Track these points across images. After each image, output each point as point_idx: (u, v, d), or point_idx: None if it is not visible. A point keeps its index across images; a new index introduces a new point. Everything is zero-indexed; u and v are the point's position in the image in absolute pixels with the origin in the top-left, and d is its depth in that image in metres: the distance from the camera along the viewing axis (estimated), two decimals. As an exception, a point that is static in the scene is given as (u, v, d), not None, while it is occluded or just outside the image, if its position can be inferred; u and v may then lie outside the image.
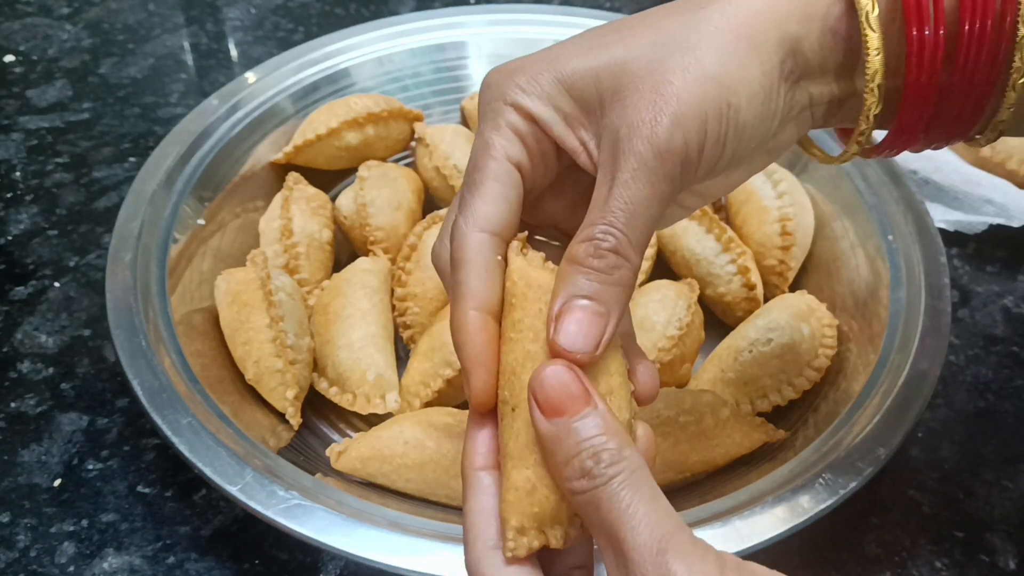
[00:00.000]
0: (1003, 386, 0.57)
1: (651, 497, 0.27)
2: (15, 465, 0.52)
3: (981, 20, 0.31)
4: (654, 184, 0.30)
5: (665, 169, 0.30)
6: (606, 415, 0.28)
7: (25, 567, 0.48)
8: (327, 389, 0.54)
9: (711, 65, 0.30)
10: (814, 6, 0.31)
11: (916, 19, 0.31)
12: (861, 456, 0.44)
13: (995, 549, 0.49)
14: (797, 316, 0.54)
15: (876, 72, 0.31)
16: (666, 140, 0.29)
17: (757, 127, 0.32)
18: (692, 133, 0.30)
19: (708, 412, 0.49)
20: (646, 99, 0.30)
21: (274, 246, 0.59)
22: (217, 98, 0.64)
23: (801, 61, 0.32)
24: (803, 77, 0.32)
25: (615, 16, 0.73)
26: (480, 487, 0.31)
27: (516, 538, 0.29)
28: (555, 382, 0.28)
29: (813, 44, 0.31)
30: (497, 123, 0.32)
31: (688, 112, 0.30)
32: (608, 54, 0.31)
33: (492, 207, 0.31)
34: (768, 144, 0.34)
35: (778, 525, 0.42)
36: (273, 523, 0.42)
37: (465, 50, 0.72)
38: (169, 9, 0.90)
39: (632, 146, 0.30)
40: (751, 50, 0.30)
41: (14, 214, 0.68)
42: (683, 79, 0.30)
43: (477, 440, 0.31)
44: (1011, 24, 0.30)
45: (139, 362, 0.47)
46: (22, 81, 0.80)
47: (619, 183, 0.30)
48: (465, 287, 0.31)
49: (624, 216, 0.30)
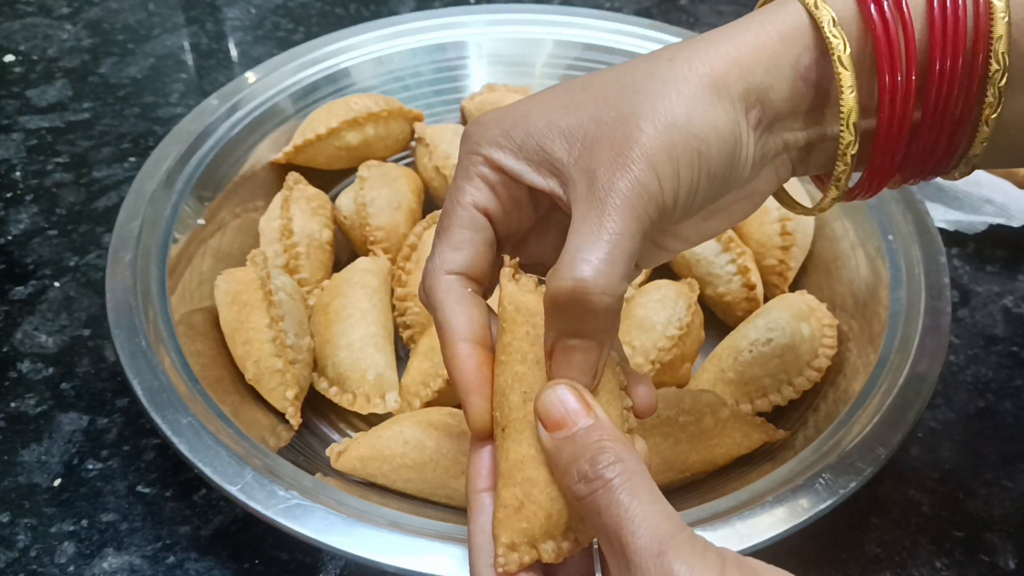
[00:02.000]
0: (1003, 386, 0.57)
1: (650, 499, 0.28)
2: (15, 465, 0.52)
3: (952, 58, 0.31)
4: (636, 221, 0.30)
5: (644, 208, 0.30)
6: (605, 422, 0.29)
7: (25, 567, 0.48)
8: (327, 389, 0.54)
9: (680, 114, 0.31)
10: (783, 56, 0.32)
11: (888, 63, 0.31)
12: (861, 456, 0.44)
13: (995, 549, 0.49)
14: (797, 316, 0.54)
15: (851, 110, 0.31)
16: (643, 183, 0.30)
17: (729, 173, 0.32)
18: (666, 179, 0.30)
19: (708, 412, 0.49)
20: (619, 149, 0.30)
21: (274, 246, 0.59)
22: (217, 98, 0.64)
23: (770, 110, 0.32)
24: (775, 123, 0.33)
25: (615, 16, 0.73)
26: (481, 508, 0.32)
27: (507, 554, 0.30)
28: (556, 400, 0.29)
29: (783, 92, 0.32)
30: (468, 173, 0.34)
31: (660, 158, 0.30)
32: (580, 112, 0.32)
33: (458, 251, 0.33)
34: (746, 190, 0.35)
35: (778, 525, 0.42)
36: (273, 523, 0.42)
37: (465, 50, 0.72)
38: (169, 9, 0.90)
39: (612, 186, 0.30)
40: (716, 99, 0.31)
41: (14, 214, 0.68)
42: (653, 127, 0.30)
43: (477, 462, 0.33)
44: (982, 61, 0.31)
45: (139, 362, 0.47)
46: (22, 81, 0.80)
47: (603, 219, 0.30)
48: (447, 324, 0.33)
49: (607, 249, 0.30)
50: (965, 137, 0.33)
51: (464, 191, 0.34)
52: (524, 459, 0.30)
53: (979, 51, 0.31)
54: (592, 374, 0.31)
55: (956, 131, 0.33)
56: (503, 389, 0.32)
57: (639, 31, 0.71)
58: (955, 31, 0.31)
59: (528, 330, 0.32)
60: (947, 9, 0.31)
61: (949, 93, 0.31)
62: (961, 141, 0.33)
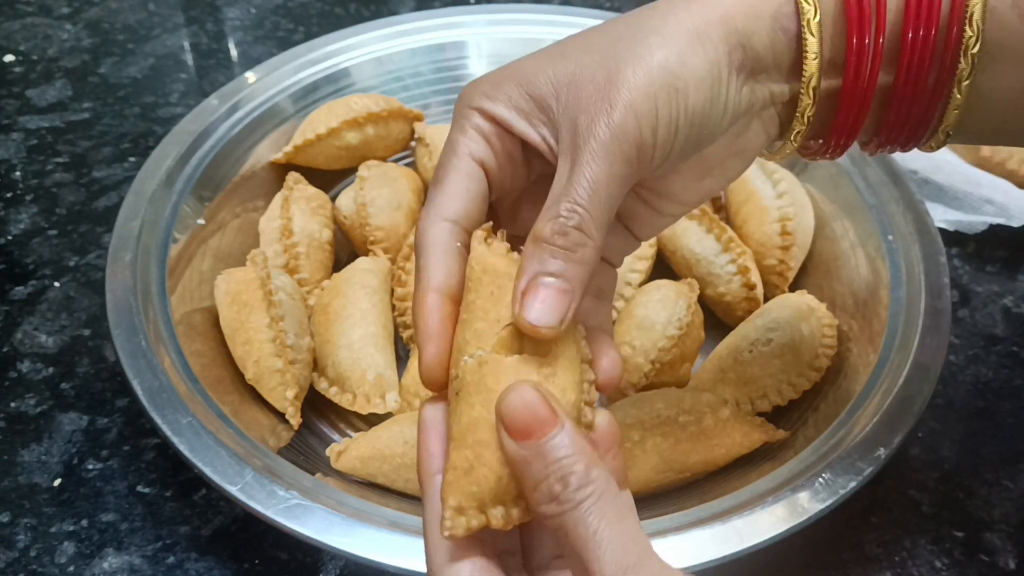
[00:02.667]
0: (1003, 386, 0.57)
1: (618, 520, 0.27)
2: (15, 465, 0.52)
3: (925, 28, 0.32)
4: (612, 164, 0.31)
5: (622, 150, 0.31)
6: (573, 434, 0.28)
7: (25, 567, 0.48)
8: (327, 389, 0.54)
9: (659, 56, 0.32)
10: (764, 4, 0.33)
11: (857, 28, 0.33)
12: (861, 456, 0.44)
13: (995, 549, 0.49)
14: (797, 316, 0.54)
15: (812, 75, 0.33)
16: (620, 124, 0.31)
17: (709, 114, 0.33)
18: (644, 116, 0.31)
19: (708, 412, 0.49)
20: (601, 90, 0.32)
21: (274, 246, 0.59)
22: (217, 98, 0.64)
23: (752, 55, 0.33)
24: (758, 72, 0.34)
25: (615, 15, 0.73)
26: (436, 489, 0.31)
27: (454, 517, 0.29)
28: (520, 404, 0.28)
29: (763, 40, 0.33)
30: (462, 126, 0.34)
31: (638, 97, 0.31)
32: (567, 60, 0.33)
33: (452, 199, 0.33)
34: (736, 145, 0.36)
35: (778, 525, 0.42)
36: (273, 523, 0.42)
37: (465, 50, 0.72)
38: (169, 9, 0.90)
39: (591, 131, 0.31)
40: (696, 43, 0.32)
41: (14, 214, 0.68)
42: (633, 70, 0.32)
43: (429, 444, 0.32)
44: (957, 33, 0.32)
45: (139, 362, 0.47)
46: (22, 81, 0.80)
47: (581, 164, 0.31)
48: (425, 272, 0.33)
49: (587, 194, 0.31)
50: (939, 108, 0.34)
51: (459, 142, 0.34)
52: (476, 421, 0.29)
53: (955, 22, 0.32)
54: (560, 318, 0.30)
55: (931, 101, 0.34)
56: (460, 346, 0.31)
57: (639, 31, 0.71)
58: (920, 63, 0.33)
59: (493, 291, 0.31)
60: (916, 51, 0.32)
61: (921, 63, 0.33)
62: (935, 111, 0.34)
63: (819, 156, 0.38)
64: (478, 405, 0.29)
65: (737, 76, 0.34)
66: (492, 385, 0.29)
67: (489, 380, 0.29)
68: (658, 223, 0.39)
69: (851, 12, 0.33)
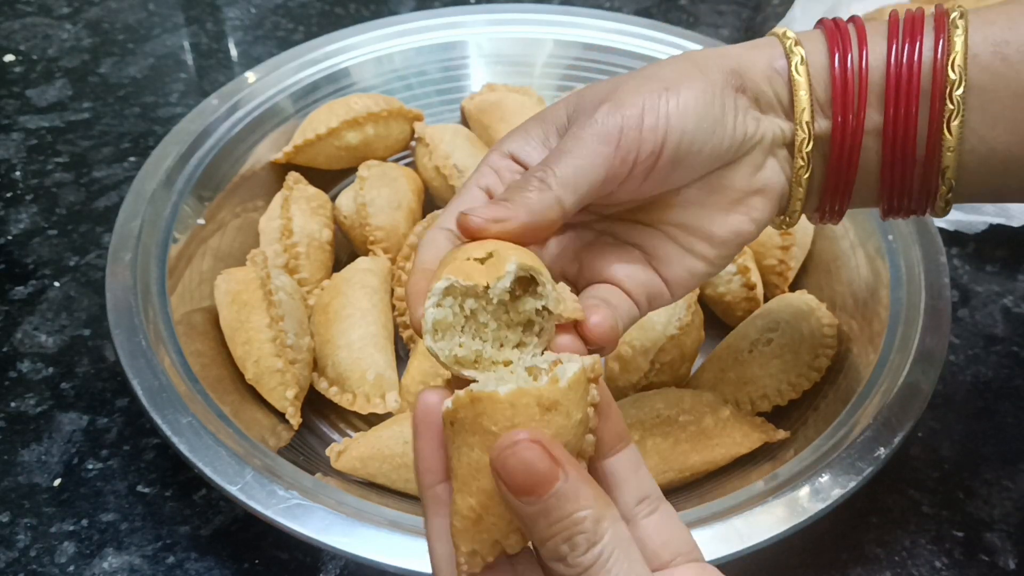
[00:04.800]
0: (1003, 386, 0.57)
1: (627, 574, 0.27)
2: (15, 465, 0.52)
3: (908, 69, 0.35)
4: (592, 149, 0.34)
5: (603, 139, 0.34)
6: (577, 483, 0.26)
7: (25, 567, 0.48)
8: (327, 389, 0.54)
9: (655, 71, 0.36)
10: (759, 51, 0.38)
11: (842, 66, 0.36)
12: (861, 456, 0.44)
13: (995, 549, 0.49)
14: (797, 316, 0.54)
15: (803, 109, 0.37)
16: (603, 119, 0.34)
17: (704, 116, 0.35)
18: (631, 118, 0.34)
19: (708, 412, 0.49)
20: (599, 97, 0.36)
21: (274, 246, 0.59)
22: (217, 98, 0.64)
23: (752, 85, 0.37)
24: (762, 103, 0.37)
25: (615, 15, 0.73)
26: (437, 503, 0.30)
27: (469, 560, 0.28)
28: (517, 462, 0.26)
29: (760, 75, 0.37)
30: (480, 166, 0.37)
31: (626, 99, 0.35)
32: (581, 94, 0.37)
33: (452, 214, 0.35)
34: (756, 181, 0.38)
35: (778, 525, 0.42)
36: (273, 523, 0.42)
37: (465, 50, 0.72)
38: (169, 9, 0.90)
39: (576, 126, 0.35)
40: (694, 67, 0.36)
41: (14, 214, 0.68)
42: (628, 80, 0.36)
43: (427, 456, 0.30)
44: (941, 76, 0.35)
45: (139, 362, 0.47)
46: (22, 81, 0.80)
47: (561, 145, 0.35)
48: (420, 258, 0.34)
49: (561, 162, 0.34)
50: (935, 157, 0.36)
51: (472, 177, 0.37)
52: (478, 466, 0.28)
53: (938, 67, 0.35)
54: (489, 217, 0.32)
55: (927, 170, 0.37)
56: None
57: (639, 31, 0.71)
58: (909, 82, 0.35)
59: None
60: (903, 65, 0.36)
61: (908, 100, 0.36)
62: (934, 164, 0.37)
63: (826, 215, 0.40)
64: (477, 448, 0.28)
65: (736, 95, 0.36)
66: (488, 426, 0.27)
67: (485, 421, 0.27)
68: (690, 266, 0.38)
69: (832, 42, 0.37)
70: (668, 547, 0.29)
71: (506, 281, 0.30)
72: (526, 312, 0.31)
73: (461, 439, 0.28)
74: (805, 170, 0.37)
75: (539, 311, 0.31)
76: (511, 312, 0.31)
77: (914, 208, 0.39)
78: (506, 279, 0.30)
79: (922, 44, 0.35)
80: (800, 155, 0.37)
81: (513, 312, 0.31)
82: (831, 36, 0.37)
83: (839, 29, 0.37)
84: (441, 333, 0.30)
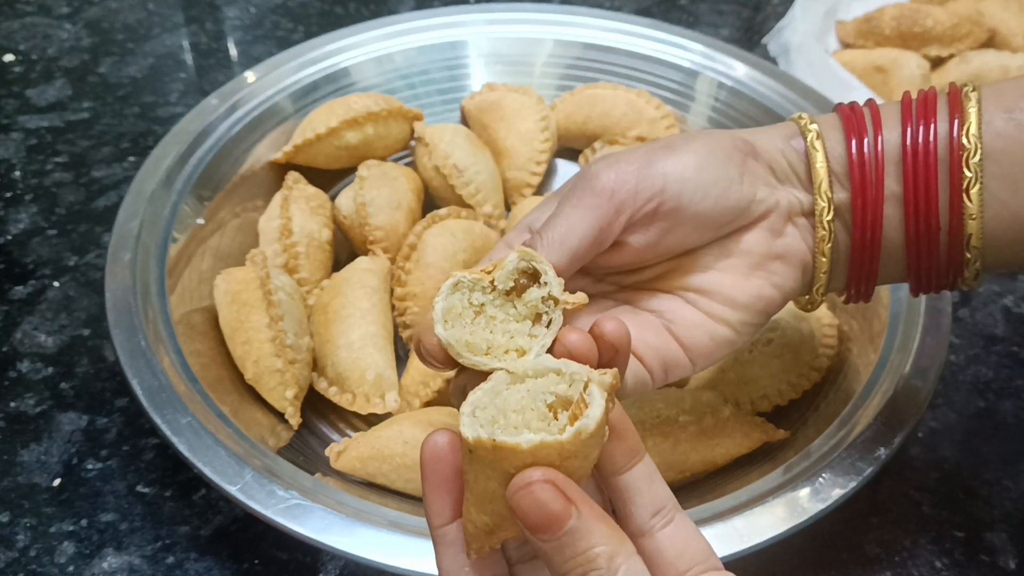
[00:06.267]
0: (1003, 386, 0.57)
1: None
2: (15, 465, 0.52)
3: (924, 138, 0.36)
4: (584, 203, 0.35)
5: (596, 192, 0.35)
6: (590, 522, 0.27)
7: (25, 567, 0.47)
8: (327, 389, 0.54)
9: (661, 142, 0.37)
10: (772, 129, 0.39)
11: (856, 133, 0.37)
12: (861, 456, 0.44)
13: (995, 549, 0.49)
14: (797, 316, 0.54)
15: (821, 181, 0.37)
16: (597, 173, 0.36)
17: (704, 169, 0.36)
18: (626, 172, 0.35)
19: (708, 412, 0.49)
20: (600, 162, 0.37)
21: (273, 245, 0.59)
22: (216, 97, 0.64)
23: (764, 156, 0.38)
24: (777, 171, 0.38)
25: (615, 15, 0.73)
26: (446, 542, 0.31)
27: (479, 550, 0.29)
28: (531, 502, 0.27)
29: (771, 150, 0.38)
30: (499, 243, 0.39)
31: (624, 156, 0.36)
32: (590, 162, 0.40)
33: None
34: (777, 247, 0.38)
35: (778, 525, 0.42)
36: (273, 523, 0.42)
37: (465, 49, 0.72)
38: (169, 8, 0.90)
39: (573, 187, 0.36)
40: (701, 135, 0.38)
41: (14, 214, 0.68)
42: (632, 149, 0.37)
43: (435, 502, 0.31)
44: (957, 146, 0.36)
45: (138, 362, 0.47)
46: (22, 80, 0.80)
47: (556, 208, 0.36)
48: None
49: (550, 225, 0.35)
50: (959, 228, 0.37)
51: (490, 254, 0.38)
52: (494, 495, 0.28)
53: (953, 136, 0.36)
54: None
55: (952, 240, 0.37)
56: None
57: (639, 31, 0.71)
58: (926, 154, 0.36)
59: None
60: (919, 139, 0.36)
61: (927, 168, 0.36)
62: (959, 237, 0.37)
63: (853, 294, 0.40)
64: (494, 480, 0.28)
65: (745, 158, 0.37)
66: (507, 469, 0.28)
67: (505, 464, 0.27)
68: (711, 330, 0.38)
69: (848, 125, 0.37)
70: (684, 557, 0.30)
71: (509, 267, 0.30)
72: (533, 304, 0.31)
73: (479, 467, 0.28)
74: (827, 239, 0.38)
75: (545, 299, 0.31)
76: (518, 307, 0.31)
77: (943, 282, 0.39)
78: (508, 265, 0.31)
79: (936, 120, 0.36)
80: (821, 224, 0.37)
81: (520, 307, 0.31)
82: (847, 120, 0.38)
83: (855, 113, 0.38)
84: (451, 323, 0.31)
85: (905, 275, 0.39)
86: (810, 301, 0.41)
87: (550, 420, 0.28)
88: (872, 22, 0.83)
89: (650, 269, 0.39)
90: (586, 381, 0.28)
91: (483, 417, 0.28)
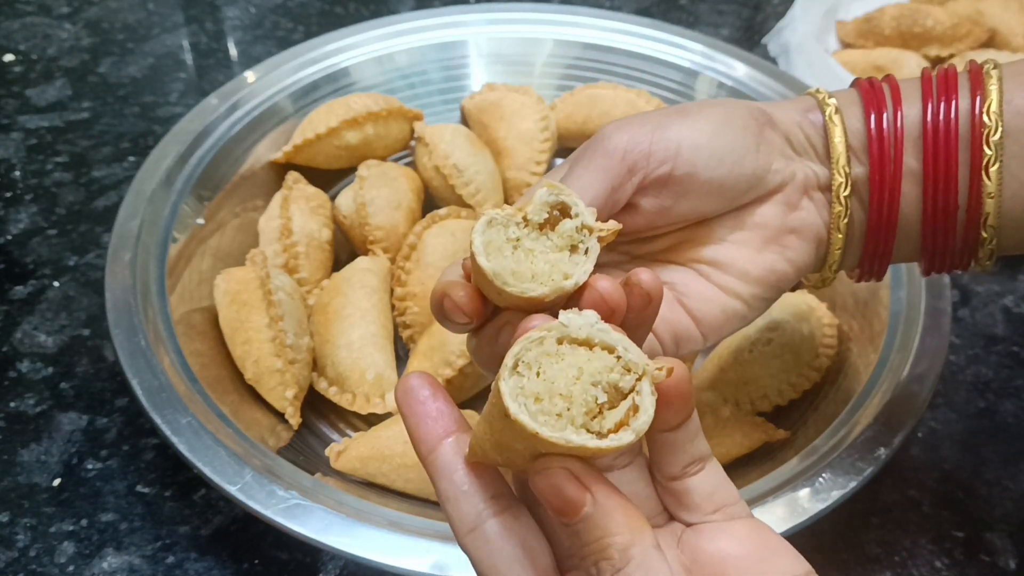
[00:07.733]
0: (1003, 386, 0.57)
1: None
2: (15, 465, 0.52)
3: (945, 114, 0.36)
4: (595, 164, 0.35)
5: (606, 154, 0.35)
6: (606, 511, 0.27)
7: (25, 567, 0.47)
8: (327, 389, 0.54)
9: (675, 107, 0.37)
10: (790, 103, 0.39)
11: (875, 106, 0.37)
12: (861, 456, 0.44)
13: (995, 549, 0.49)
14: (797, 316, 0.54)
15: (839, 155, 0.37)
16: (608, 136, 0.35)
17: (718, 136, 0.35)
18: (639, 134, 0.35)
19: (708, 412, 0.49)
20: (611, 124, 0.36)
21: (273, 245, 0.59)
22: (216, 97, 0.64)
23: (781, 128, 0.37)
24: (794, 142, 0.37)
25: (615, 15, 0.73)
26: (442, 469, 0.31)
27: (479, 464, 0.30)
28: (547, 486, 0.27)
29: (788, 123, 0.38)
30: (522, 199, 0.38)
31: (637, 119, 0.36)
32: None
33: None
34: (791, 221, 0.37)
35: (778, 525, 0.42)
36: (273, 523, 0.42)
37: (465, 49, 0.72)
38: (169, 8, 0.90)
39: (585, 148, 0.36)
40: (716, 104, 0.37)
41: (14, 213, 0.68)
42: (648, 113, 0.37)
43: (414, 430, 0.31)
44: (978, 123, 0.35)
45: (138, 362, 0.47)
46: (22, 80, 0.80)
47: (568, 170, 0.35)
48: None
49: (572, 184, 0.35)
50: (977, 205, 0.36)
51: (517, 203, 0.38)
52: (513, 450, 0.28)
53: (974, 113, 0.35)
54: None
55: (969, 219, 0.36)
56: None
57: (639, 30, 0.71)
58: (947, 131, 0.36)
59: None
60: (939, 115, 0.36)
61: (947, 146, 0.36)
62: (977, 229, 0.37)
63: (866, 271, 0.40)
64: (520, 444, 0.28)
65: (762, 128, 0.36)
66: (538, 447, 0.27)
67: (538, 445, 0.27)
68: (723, 304, 0.38)
69: (867, 100, 0.37)
70: (713, 498, 0.30)
71: (539, 200, 0.31)
72: (568, 234, 0.31)
73: (509, 428, 0.27)
74: (843, 215, 0.37)
75: (580, 229, 0.31)
76: (553, 239, 0.31)
77: (957, 262, 0.38)
78: (538, 199, 0.31)
79: (957, 96, 0.36)
80: (838, 200, 0.37)
81: (556, 238, 0.31)
82: (866, 94, 0.37)
83: (874, 88, 0.37)
84: (493, 256, 0.31)
85: (919, 254, 0.39)
86: (822, 278, 0.40)
87: (595, 412, 0.28)
88: (872, 22, 0.83)
89: (662, 240, 0.38)
90: (642, 372, 0.27)
91: (528, 389, 0.27)
